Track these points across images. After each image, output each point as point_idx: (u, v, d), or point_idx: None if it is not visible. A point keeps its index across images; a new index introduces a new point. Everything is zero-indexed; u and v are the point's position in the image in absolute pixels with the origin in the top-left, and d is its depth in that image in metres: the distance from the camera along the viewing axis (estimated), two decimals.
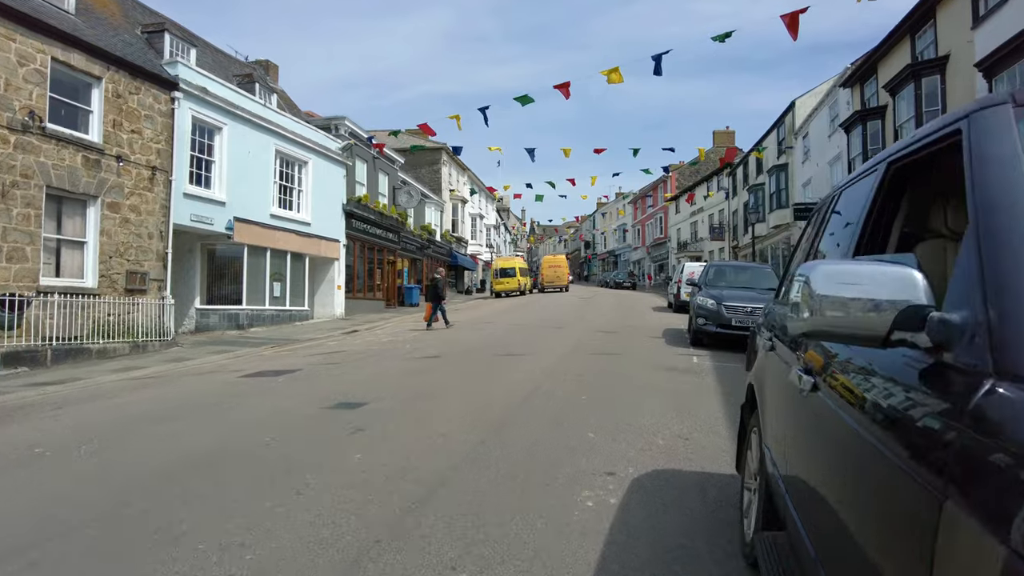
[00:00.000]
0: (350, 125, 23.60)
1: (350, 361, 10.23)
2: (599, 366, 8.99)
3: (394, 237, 27.72)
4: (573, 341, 12.54)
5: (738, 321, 11.05)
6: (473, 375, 8.12)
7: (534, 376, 8.01)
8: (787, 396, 2.12)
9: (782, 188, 29.77)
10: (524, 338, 13.55)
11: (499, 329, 16.30)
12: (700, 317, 11.52)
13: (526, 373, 8.24)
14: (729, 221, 41.71)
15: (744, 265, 16.19)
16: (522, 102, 16.65)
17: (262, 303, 18.85)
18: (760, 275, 13.32)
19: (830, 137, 22.97)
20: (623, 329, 15.70)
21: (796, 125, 28.34)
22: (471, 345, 12.33)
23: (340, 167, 23.05)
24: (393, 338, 14.60)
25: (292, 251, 20.15)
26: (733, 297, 11.46)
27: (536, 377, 7.94)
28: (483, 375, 8.15)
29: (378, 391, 7.21)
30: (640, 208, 65.25)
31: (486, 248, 50.40)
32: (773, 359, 2.65)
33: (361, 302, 24.65)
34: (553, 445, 4.93)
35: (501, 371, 8.45)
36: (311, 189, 21.18)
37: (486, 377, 8.00)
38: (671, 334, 14.31)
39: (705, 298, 11.67)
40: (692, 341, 12.10)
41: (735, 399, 6.81)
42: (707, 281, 12.97)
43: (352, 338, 15.57)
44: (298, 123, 20.86)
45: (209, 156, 16.96)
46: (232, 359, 12.15)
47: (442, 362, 9.59)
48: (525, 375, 8.11)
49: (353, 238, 24.01)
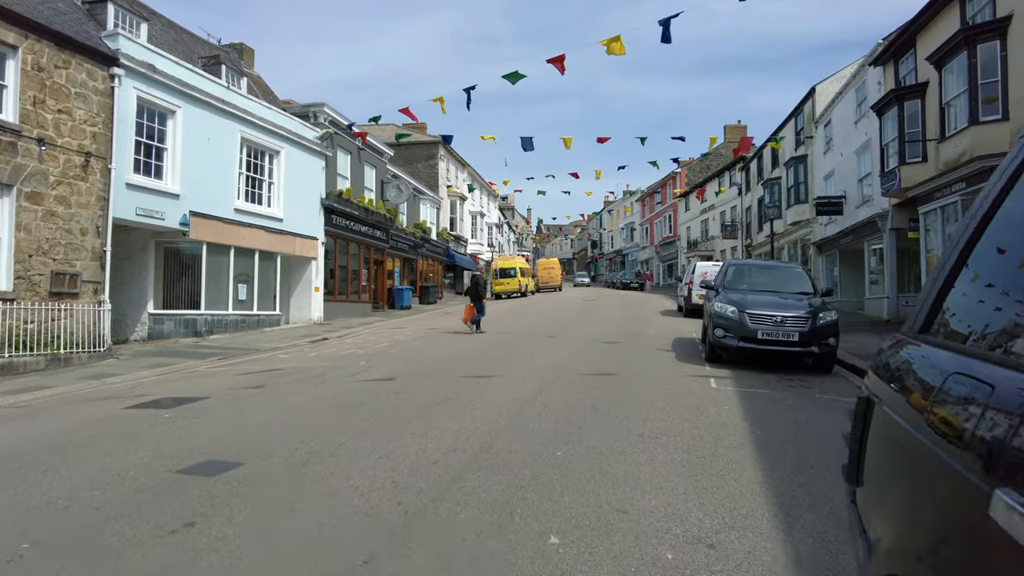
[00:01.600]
0: (330, 112, 21.66)
1: (281, 384, 8.26)
2: (589, 396, 6.97)
3: (382, 235, 25.78)
4: (564, 356, 10.53)
5: (766, 334, 8.98)
6: (415, 415, 6.10)
7: (498, 416, 6.00)
8: None
9: (801, 182, 27.57)
10: (507, 351, 11.55)
11: (483, 338, 14.31)
12: (719, 328, 9.43)
13: (489, 411, 6.23)
14: (742, 218, 39.51)
15: (769, 264, 13.66)
16: (511, 79, 14.71)
17: (224, 307, 16.95)
18: (789, 276, 11.17)
19: (857, 123, 20.78)
20: (626, 338, 13.66)
21: (816, 113, 26.15)
22: (441, 361, 10.34)
23: (318, 158, 21.13)
24: (357, 350, 12.62)
25: (261, 249, 18.25)
26: (759, 304, 9.37)
27: (500, 418, 5.94)
28: (429, 414, 6.13)
29: (274, 441, 5.22)
30: (648, 206, 63.05)
31: (487, 248, 48.42)
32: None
33: (343, 305, 22.72)
34: (485, 569, 2.92)
35: (457, 407, 6.42)
36: (284, 181, 19.27)
37: (432, 418, 5.98)
38: (682, 346, 12.26)
39: (724, 304, 9.59)
40: (708, 357, 10.04)
41: (775, 456, 4.76)
42: (725, 283, 10.80)
43: (314, 349, 13.62)
44: (269, 109, 18.96)
45: (160, 143, 15.07)
46: (159, 377, 10.24)
47: (388, 390, 7.58)
48: (486, 414, 6.09)
49: (334, 235, 22.08)
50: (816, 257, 25.57)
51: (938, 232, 13.96)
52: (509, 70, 14.91)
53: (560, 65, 14.02)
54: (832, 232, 23.56)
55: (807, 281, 10.85)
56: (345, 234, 22.80)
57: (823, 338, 8.99)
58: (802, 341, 8.91)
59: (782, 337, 8.92)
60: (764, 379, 8.52)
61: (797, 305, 9.43)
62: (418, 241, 31.60)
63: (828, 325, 9.10)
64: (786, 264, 15.14)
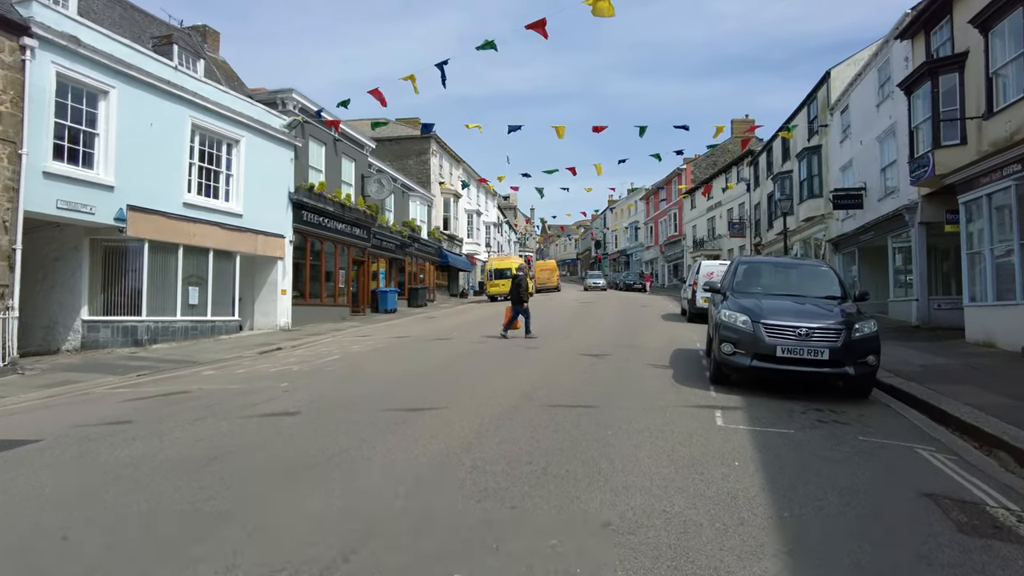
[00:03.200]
0: (299, 99, 19.80)
1: (152, 420, 6.34)
2: (546, 447, 5.03)
3: (363, 233, 23.93)
4: (536, 376, 8.61)
5: (787, 351, 7.00)
6: (275, 483, 4.16)
7: (396, 488, 4.01)
8: None
9: (814, 174, 25.53)
10: (471, 367, 9.65)
11: (448, 350, 12.42)
12: (726, 343, 7.45)
13: (386, 477, 4.24)
14: (751, 215, 37.45)
15: (788, 262, 11.09)
16: (486, 47, 12.99)
17: (172, 313, 15.14)
18: (813, 276, 9.14)
19: (879, 107, 18.75)
20: (618, 349, 11.73)
21: (832, 99, 24.11)
22: (380, 383, 8.44)
23: (286, 148, 19.31)
24: (295, 366, 10.74)
25: (216, 248, 16.43)
26: (777, 311, 7.40)
27: (398, 491, 3.97)
28: (295, 483, 4.19)
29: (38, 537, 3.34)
30: (652, 204, 60.98)
31: (484, 248, 46.55)
32: None
33: (317, 309, 20.88)
34: None
35: (344, 471, 4.40)
36: (244, 173, 17.45)
37: (293, 492, 4.04)
38: (682, 360, 10.32)
39: (733, 312, 7.63)
40: (713, 377, 8.09)
41: (816, 570, 2.83)
42: (735, 285, 8.80)
43: (256, 362, 11.75)
44: (226, 93, 17.14)
45: (90, 127, 13.27)
46: (43, 401, 8.41)
47: (275, 433, 5.62)
48: (380, 483, 4.09)
49: (305, 233, 20.26)
50: (832, 255, 23.52)
51: (986, 224, 11.93)
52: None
53: (542, 30, 12.23)
54: (850, 228, 21.52)
55: (835, 282, 8.85)
56: (319, 232, 20.96)
57: (860, 356, 7.03)
58: (834, 360, 6.96)
59: (808, 355, 6.96)
60: (784, 409, 6.59)
61: (826, 313, 7.47)
62: (406, 240, 29.75)
63: (867, 339, 7.14)
64: (809, 261, 12.79)
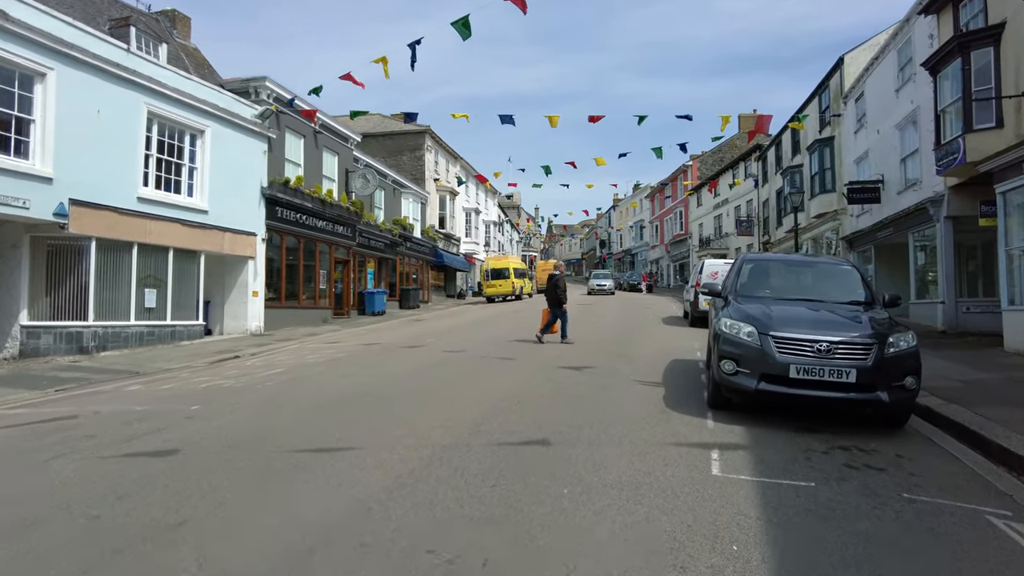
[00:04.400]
0: (272, 87, 18.50)
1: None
2: (476, 514, 3.60)
3: (346, 231, 22.61)
4: (497, 399, 7.21)
5: (803, 371, 5.55)
6: None
7: None
8: None
9: (827, 167, 23.99)
10: (423, 386, 8.27)
11: (414, 360, 11.04)
12: (727, 360, 5.99)
13: (235, 568, 2.93)
14: (759, 213, 35.89)
15: (803, 260, 9.11)
16: (461, 31, 11.62)
17: (124, 317, 13.86)
18: (833, 277, 7.48)
19: (899, 91, 17.24)
20: (607, 359, 10.32)
21: (845, 87, 22.57)
22: (298, 409, 7.04)
23: (258, 140, 18.01)
24: (223, 383, 9.37)
25: (177, 247, 15.15)
26: (791, 320, 5.94)
27: None
28: None
29: None
30: (658, 202, 59.41)
31: (483, 247, 45.18)
32: None
33: (294, 312, 19.58)
34: None
35: (185, 555, 3.14)
36: (210, 166, 16.15)
37: None
38: (678, 375, 8.90)
39: (735, 321, 6.18)
40: (712, 401, 6.65)
41: None
42: (739, 288, 7.35)
43: (200, 373, 10.41)
44: (189, 80, 15.84)
45: (24, 113, 12.00)
46: None
47: (120, 486, 4.26)
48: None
49: (280, 231, 18.96)
50: (846, 254, 21.99)
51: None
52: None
53: (522, 4, 10.85)
54: (866, 224, 20.00)
55: (860, 283, 7.34)
56: (296, 230, 19.66)
57: (896, 377, 5.56)
58: (862, 383, 5.49)
59: (829, 376, 5.51)
60: (800, 447, 5.18)
61: (851, 323, 6.01)
62: (396, 239, 28.42)
63: (904, 356, 5.65)
64: (828, 259, 10.32)
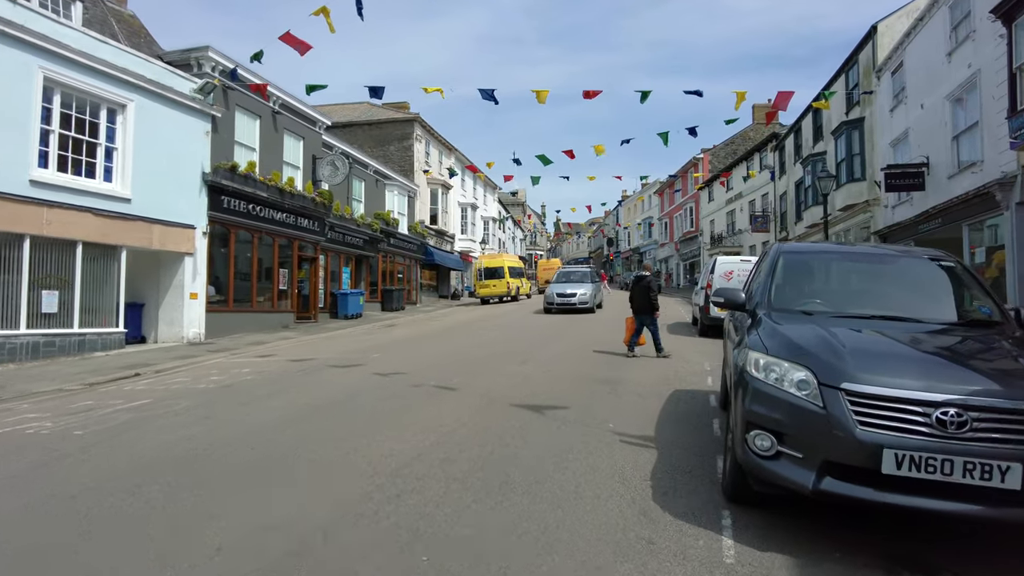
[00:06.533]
0: (217, 58, 16.05)
1: None
2: None
3: (312, 224, 20.17)
4: (372, 481, 4.65)
5: (910, 462, 2.84)
6: None
7: None
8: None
9: (855, 153, 21.22)
10: (271, 453, 5.74)
11: (323, 392, 8.55)
12: (761, 430, 3.29)
13: None
14: (776, 207, 33.09)
15: (874, 252, 5.72)
16: None
17: (12, 324, 11.50)
18: (925, 278, 4.78)
19: (951, 55, 14.49)
20: (581, 394, 7.76)
21: (878, 60, 19.80)
22: (100, 476, 4.60)
23: (199, 119, 15.59)
24: (39, 426, 6.92)
25: (88, 241, 12.77)
26: (877, 358, 3.21)
27: None
28: None
29: None
30: (667, 198, 56.58)
31: (480, 245, 42.65)
32: None
33: (246, 316, 17.17)
34: None
35: None
36: (134, 147, 13.75)
37: None
38: (680, 421, 6.33)
39: (775, 359, 3.48)
40: (730, 492, 3.96)
41: None
42: (773, 296, 4.57)
43: (41, 404, 7.95)
44: (105, 44, 13.41)
45: None
46: None
47: None
48: None
49: (228, 224, 16.54)
50: None
51: None
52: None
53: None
54: (906, 216, 17.24)
55: (975, 289, 4.61)
56: (248, 222, 17.23)
57: None
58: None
59: (964, 476, 2.85)
60: None
61: (990, 364, 3.37)
62: (377, 235, 25.95)
63: None
64: (910, 251, 5.87)
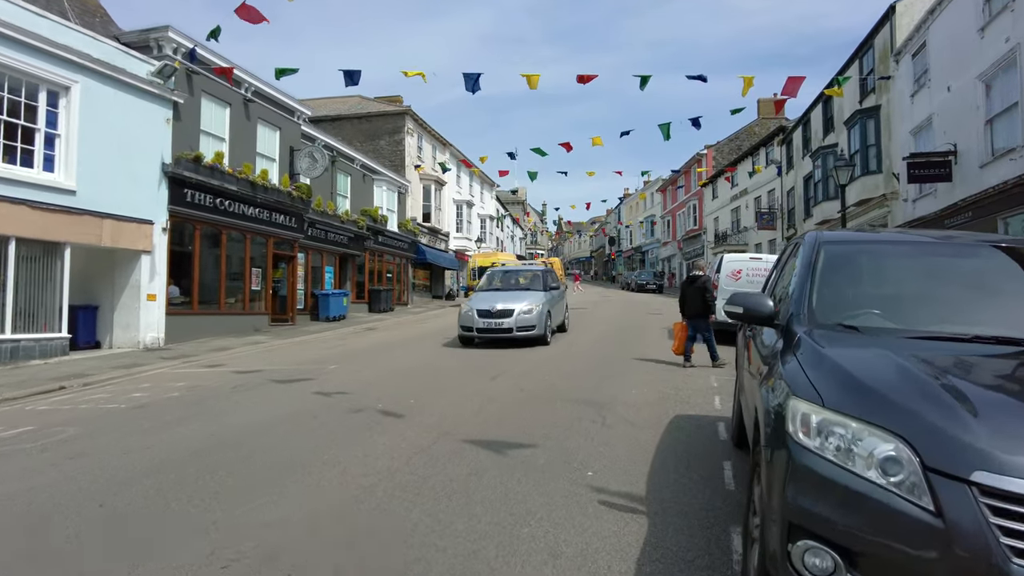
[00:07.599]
0: (178, 39, 14.73)
1: None
2: None
3: (288, 220, 18.87)
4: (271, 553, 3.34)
5: None
6: None
7: None
8: None
9: (870, 144, 19.84)
10: (161, 508, 4.45)
11: (238, 418, 7.24)
12: (816, 540, 1.85)
13: None
14: (783, 203, 31.69)
15: (946, 241, 3.79)
16: None
17: None
18: (1017, 274, 3.19)
19: (984, 30, 13.12)
20: (559, 424, 6.43)
21: (897, 43, 18.41)
22: None
23: (159, 105, 14.29)
24: None
25: (21, 237, 11.48)
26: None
27: None
28: None
29: None
30: (670, 195, 55.17)
31: (476, 243, 41.34)
32: None
33: (213, 319, 15.87)
34: None
35: None
36: (80, 134, 12.46)
37: None
38: (679, 466, 5.02)
39: (838, 417, 2.00)
40: None
41: None
42: (815, 306, 2.95)
43: None
44: (42, 17, 12.09)
45: None
46: None
47: None
48: None
49: (192, 220, 15.24)
50: None
51: None
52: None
53: None
54: (930, 210, 15.86)
55: None
56: (215, 218, 15.92)
57: None
58: None
59: None
60: None
61: None
62: (363, 232, 24.65)
63: None
64: (986, 238, 3.80)
